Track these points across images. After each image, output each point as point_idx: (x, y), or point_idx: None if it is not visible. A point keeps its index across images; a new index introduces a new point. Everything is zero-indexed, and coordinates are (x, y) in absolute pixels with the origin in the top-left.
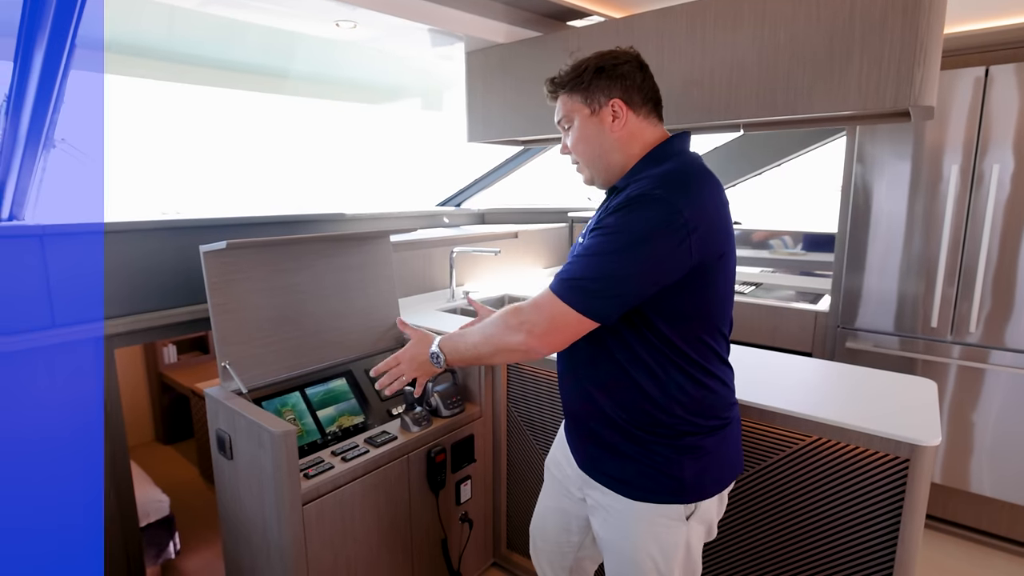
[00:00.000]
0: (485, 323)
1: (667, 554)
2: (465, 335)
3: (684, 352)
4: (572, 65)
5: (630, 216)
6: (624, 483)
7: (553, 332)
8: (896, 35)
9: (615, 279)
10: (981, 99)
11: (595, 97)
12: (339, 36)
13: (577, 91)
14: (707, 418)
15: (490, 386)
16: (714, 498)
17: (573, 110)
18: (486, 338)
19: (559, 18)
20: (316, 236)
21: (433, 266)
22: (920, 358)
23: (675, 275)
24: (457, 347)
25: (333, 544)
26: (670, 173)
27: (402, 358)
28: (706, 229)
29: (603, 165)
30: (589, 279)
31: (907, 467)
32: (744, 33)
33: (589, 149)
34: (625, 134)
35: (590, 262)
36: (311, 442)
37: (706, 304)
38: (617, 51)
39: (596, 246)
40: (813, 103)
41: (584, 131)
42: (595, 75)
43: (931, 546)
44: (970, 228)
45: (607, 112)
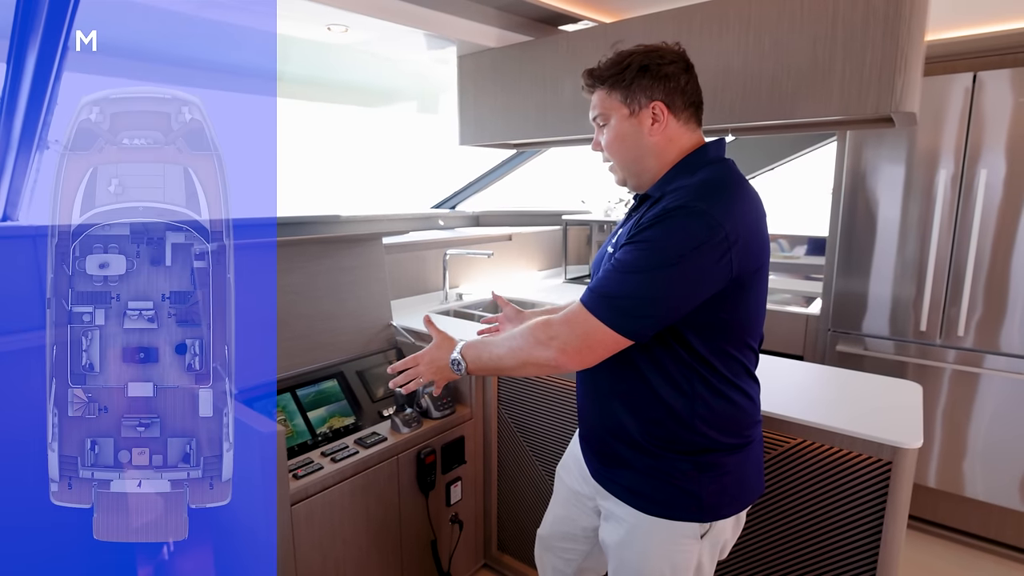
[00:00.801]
0: (512, 335)
1: (677, 572)
2: (489, 345)
3: (713, 366)
4: (613, 58)
5: (670, 230)
6: (639, 496)
7: (586, 350)
8: (877, 42)
9: (654, 298)
10: (970, 104)
11: (636, 97)
12: (332, 40)
13: (617, 88)
14: (730, 435)
15: (481, 388)
16: (731, 519)
17: (611, 108)
18: (512, 351)
19: (550, 23)
20: (308, 238)
21: (427, 268)
22: (912, 362)
23: (713, 290)
24: (480, 356)
25: (322, 545)
26: (709, 183)
27: (422, 360)
28: (745, 242)
29: (637, 169)
30: (627, 296)
31: (890, 469)
32: (730, 39)
33: (624, 151)
34: (663, 139)
35: (628, 279)
36: (301, 443)
37: (739, 317)
38: (664, 48)
39: (634, 262)
40: (797, 108)
41: (620, 132)
42: (639, 73)
43: (920, 548)
44: (959, 232)
45: (647, 114)
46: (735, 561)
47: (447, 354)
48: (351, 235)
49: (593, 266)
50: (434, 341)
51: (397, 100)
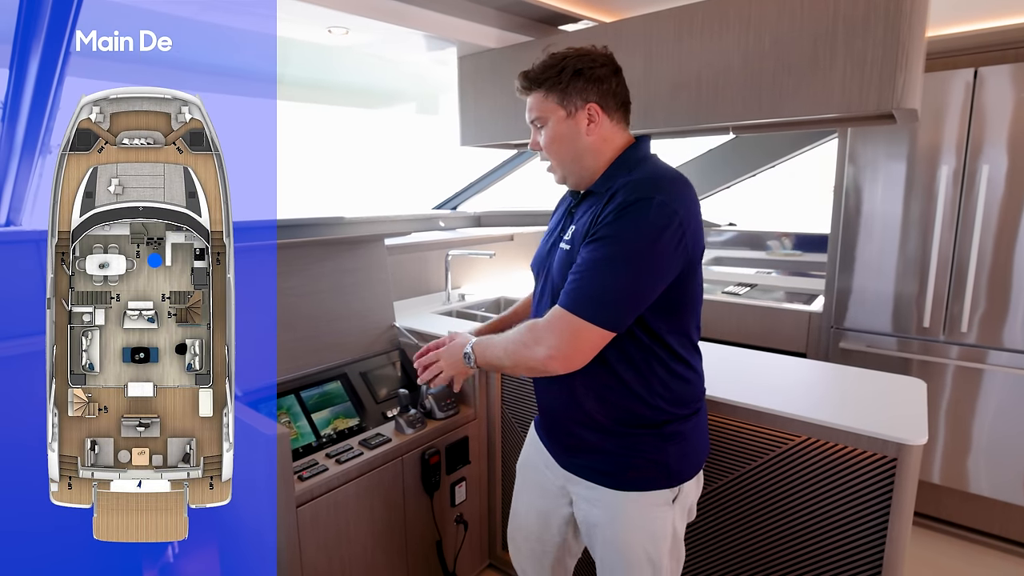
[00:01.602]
0: (510, 336)
1: (656, 541)
2: (494, 343)
3: (669, 345)
4: (547, 60)
5: (634, 222)
6: (610, 475)
7: (576, 353)
8: (878, 39)
9: (631, 288)
10: (971, 100)
11: (572, 99)
12: (333, 42)
13: (554, 91)
14: (684, 406)
15: (484, 388)
16: (693, 480)
17: (548, 111)
18: (508, 353)
19: (550, 23)
20: (311, 240)
21: (429, 269)
22: (915, 358)
23: (675, 273)
24: (486, 352)
25: (328, 547)
26: (657, 176)
27: (442, 354)
28: (694, 227)
29: (576, 168)
30: (607, 291)
31: (895, 466)
32: (730, 37)
33: (563, 151)
34: (599, 138)
35: (604, 274)
36: (306, 444)
37: (690, 297)
38: (594, 52)
39: (606, 257)
40: (798, 106)
41: (558, 133)
42: (573, 76)
43: (925, 545)
44: (961, 228)
45: (583, 116)
46: (742, 557)
47: (461, 348)
48: (354, 237)
49: (536, 264)
50: (448, 336)
51: (397, 102)
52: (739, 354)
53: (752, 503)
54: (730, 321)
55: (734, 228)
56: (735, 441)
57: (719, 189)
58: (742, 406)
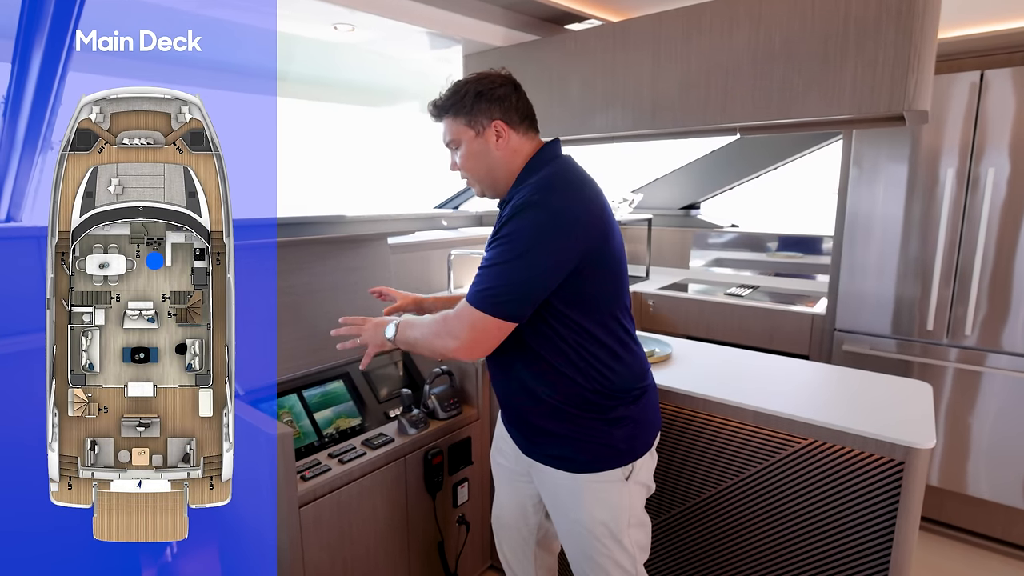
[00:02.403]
0: (426, 321)
1: (615, 515)
2: (414, 325)
3: (594, 334)
4: (451, 88)
5: (520, 224)
6: (565, 460)
7: (477, 341)
8: (890, 40)
9: (520, 282)
10: (976, 103)
11: (478, 120)
12: (338, 39)
13: (460, 115)
14: (627, 391)
15: (487, 388)
16: (645, 456)
17: (459, 133)
18: (424, 337)
19: (557, 22)
20: (313, 238)
21: (431, 268)
22: (917, 361)
23: (570, 266)
24: (406, 333)
25: (330, 546)
26: (545, 179)
27: (367, 325)
28: (586, 219)
29: (491, 180)
30: (498, 286)
31: (902, 469)
32: (739, 37)
33: (477, 167)
34: (508, 151)
35: (495, 272)
36: (308, 444)
37: (604, 285)
38: (492, 74)
39: (498, 256)
40: (807, 107)
41: (471, 151)
42: (475, 100)
43: (927, 548)
44: (966, 231)
45: (491, 133)
46: (749, 559)
47: (385, 323)
48: (356, 235)
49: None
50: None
51: (400, 100)
52: (742, 356)
53: (759, 505)
54: (732, 322)
55: (737, 230)
56: (742, 443)
57: (722, 190)
58: (749, 408)
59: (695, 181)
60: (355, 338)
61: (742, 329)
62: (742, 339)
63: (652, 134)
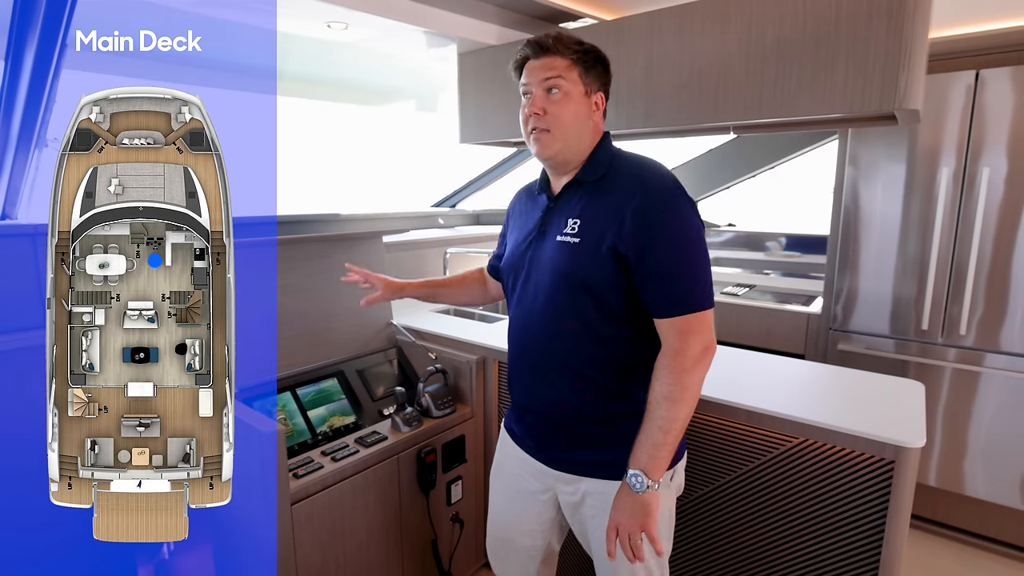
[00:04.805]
0: (653, 415)
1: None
2: (647, 443)
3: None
4: (573, 37)
5: (686, 212)
6: (609, 467)
7: (713, 340)
8: (880, 39)
9: (708, 269)
10: (972, 102)
11: (591, 81)
12: (332, 37)
13: (578, 66)
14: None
15: (481, 387)
16: (684, 458)
17: (571, 80)
18: (669, 425)
19: (551, 20)
20: (308, 236)
21: (427, 266)
22: (913, 360)
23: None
24: (656, 460)
25: (322, 544)
26: (660, 168)
27: (618, 522)
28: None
29: (575, 143)
30: (706, 277)
31: (892, 468)
32: (731, 36)
33: (575, 123)
34: (594, 125)
35: (694, 264)
36: (301, 442)
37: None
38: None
39: (686, 250)
40: (799, 106)
41: (577, 105)
42: (596, 61)
43: (921, 547)
44: (961, 231)
45: (593, 100)
46: (739, 559)
47: (629, 497)
48: (351, 234)
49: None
50: (616, 502)
51: (396, 98)
52: (737, 355)
53: (749, 505)
54: (728, 322)
55: (733, 229)
56: (732, 442)
57: (719, 189)
58: (740, 407)
59: (691, 180)
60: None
61: (738, 328)
62: (738, 338)
63: (645, 133)
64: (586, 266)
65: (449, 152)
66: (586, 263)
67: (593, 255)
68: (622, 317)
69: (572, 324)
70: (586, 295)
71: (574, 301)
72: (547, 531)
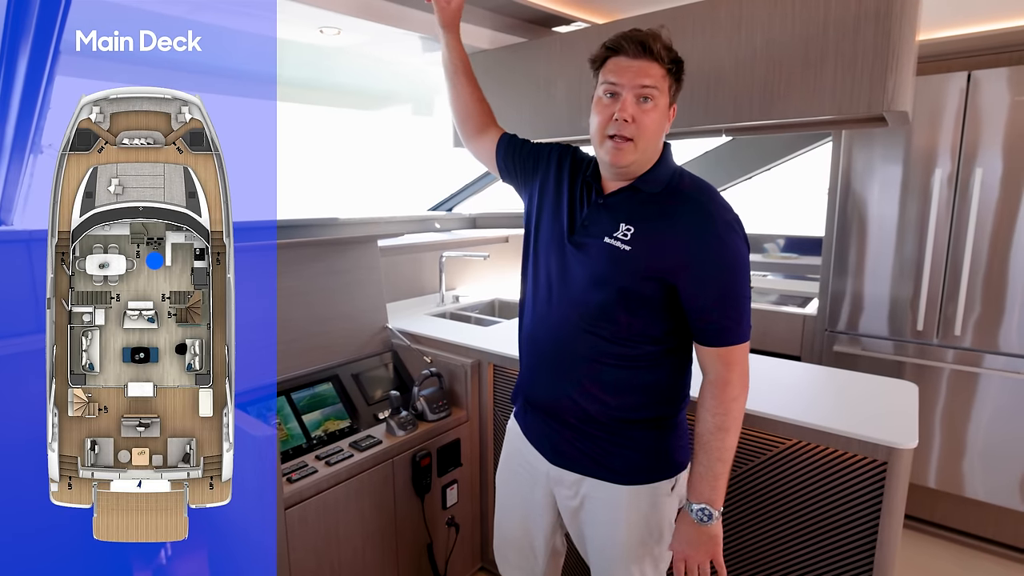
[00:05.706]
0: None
1: (659, 531)
2: (705, 474)
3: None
4: (668, 39)
5: (741, 246)
6: (616, 470)
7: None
8: (868, 41)
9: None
10: (964, 104)
11: (673, 94)
12: (326, 42)
13: (671, 76)
14: (682, 399)
15: (476, 390)
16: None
17: (661, 91)
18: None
19: (543, 24)
20: (303, 240)
21: (423, 270)
22: (909, 361)
23: None
24: (717, 490)
25: (316, 549)
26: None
27: (687, 554)
28: None
29: (651, 152)
30: (749, 312)
31: (885, 469)
32: (721, 39)
33: (657, 134)
34: (663, 134)
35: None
36: (296, 446)
37: None
38: None
39: (740, 284)
40: (789, 108)
41: (661, 115)
42: (681, 78)
43: (918, 548)
44: (955, 232)
45: (670, 111)
46: (733, 560)
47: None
48: (346, 238)
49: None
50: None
51: (392, 103)
52: None
53: (743, 507)
54: None
55: None
56: None
57: None
58: None
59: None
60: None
61: None
62: None
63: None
64: (631, 277)
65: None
66: (631, 273)
67: (642, 269)
68: (651, 335)
69: (600, 326)
70: (621, 303)
71: (608, 305)
72: (551, 535)
